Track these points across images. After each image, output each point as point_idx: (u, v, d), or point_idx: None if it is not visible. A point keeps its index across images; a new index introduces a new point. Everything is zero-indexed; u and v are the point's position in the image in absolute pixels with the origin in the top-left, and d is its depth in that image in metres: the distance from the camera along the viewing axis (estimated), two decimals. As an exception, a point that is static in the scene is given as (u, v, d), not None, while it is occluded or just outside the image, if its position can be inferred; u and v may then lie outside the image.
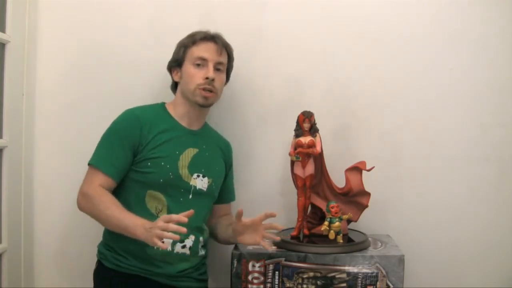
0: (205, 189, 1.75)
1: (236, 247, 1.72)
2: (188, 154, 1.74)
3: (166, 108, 1.79)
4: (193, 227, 1.69)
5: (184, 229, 1.46)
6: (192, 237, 1.70)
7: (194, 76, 1.72)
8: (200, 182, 1.74)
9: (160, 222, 1.47)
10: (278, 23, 2.00)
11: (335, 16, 2.00)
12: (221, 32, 1.79)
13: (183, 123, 1.77)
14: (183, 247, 1.69)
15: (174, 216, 1.47)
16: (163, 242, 1.45)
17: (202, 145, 1.78)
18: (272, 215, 1.61)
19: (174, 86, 1.83)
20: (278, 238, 1.65)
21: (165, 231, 1.44)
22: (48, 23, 2.03)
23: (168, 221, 1.46)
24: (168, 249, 1.65)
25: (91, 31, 2.02)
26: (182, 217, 1.47)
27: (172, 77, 1.81)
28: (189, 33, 1.78)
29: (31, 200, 2.02)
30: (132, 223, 1.54)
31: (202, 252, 1.76)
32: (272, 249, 1.67)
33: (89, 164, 1.69)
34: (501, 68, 1.97)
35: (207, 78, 1.71)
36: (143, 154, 1.68)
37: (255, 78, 2.01)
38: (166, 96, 1.86)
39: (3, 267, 1.86)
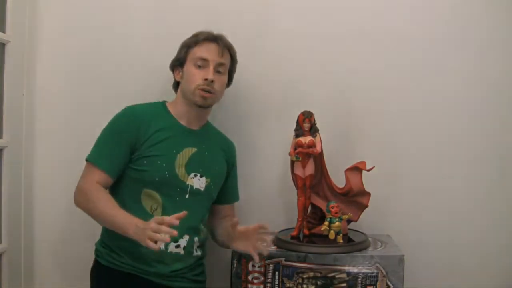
0: (202, 189, 1.74)
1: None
2: (186, 153, 1.73)
3: (166, 106, 1.79)
4: (188, 227, 1.69)
5: (175, 232, 1.44)
6: (186, 237, 1.70)
7: (194, 76, 1.72)
8: (198, 182, 1.73)
9: (152, 224, 1.46)
10: (279, 24, 2.01)
11: (336, 18, 2.00)
12: (224, 32, 1.78)
13: (183, 122, 1.77)
14: (177, 246, 1.68)
15: (166, 218, 1.46)
16: (156, 243, 1.44)
17: (202, 145, 1.77)
18: (264, 228, 1.60)
19: (176, 85, 1.82)
20: (267, 252, 1.64)
21: (157, 232, 1.44)
22: (48, 23, 2.03)
23: (160, 223, 1.45)
24: (161, 248, 1.64)
25: (91, 31, 2.02)
26: (174, 219, 1.46)
27: (174, 76, 1.81)
28: (193, 33, 1.77)
29: (31, 200, 2.02)
30: (125, 221, 1.54)
31: (197, 253, 1.76)
32: (269, 251, 1.66)
33: (86, 160, 1.69)
34: (501, 68, 1.97)
35: (206, 79, 1.71)
36: (140, 152, 1.68)
37: (256, 78, 2.01)
38: (167, 96, 1.85)
39: (3, 267, 1.86)
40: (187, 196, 1.71)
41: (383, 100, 1.99)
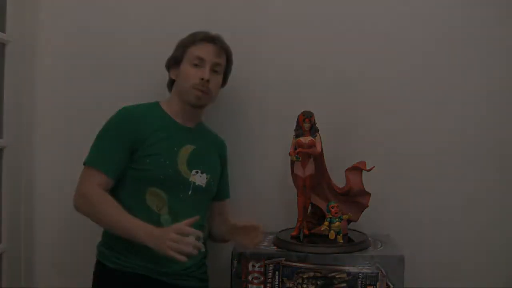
0: (204, 185, 1.75)
1: (236, 247, 1.72)
2: (186, 150, 1.74)
3: (161, 106, 1.79)
4: (194, 224, 1.69)
5: (200, 245, 1.51)
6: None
7: (190, 75, 1.72)
8: (199, 178, 1.74)
9: (172, 234, 1.48)
10: (278, 23, 2.01)
11: (336, 17, 2.00)
12: (222, 32, 1.78)
13: (179, 120, 1.77)
14: None
15: (185, 229, 1.50)
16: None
17: (199, 142, 1.78)
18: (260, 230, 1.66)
19: (170, 84, 1.82)
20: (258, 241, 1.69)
21: (178, 242, 1.47)
22: (48, 23, 2.03)
23: (179, 232, 1.49)
24: None
25: (91, 31, 2.02)
26: (195, 230, 1.51)
27: (169, 75, 1.81)
28: (190, 33, 1.78)
29: (31, 200, 2.02)
30: (135, 226, 1.54)
31: (203, 249, 1.76)
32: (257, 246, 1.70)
33: (84, 164, 1.67)
34: (501, 67, 1.97)
35: (202, 79, 1.71)
36: (141, 152, 1.67)
37: (256, 77, 2.01)
38: (166, 97, 1.86)
39: (3, 267, 1.86)
40: (190, 193, 1.72)
41: (383, 100, 1.99)
